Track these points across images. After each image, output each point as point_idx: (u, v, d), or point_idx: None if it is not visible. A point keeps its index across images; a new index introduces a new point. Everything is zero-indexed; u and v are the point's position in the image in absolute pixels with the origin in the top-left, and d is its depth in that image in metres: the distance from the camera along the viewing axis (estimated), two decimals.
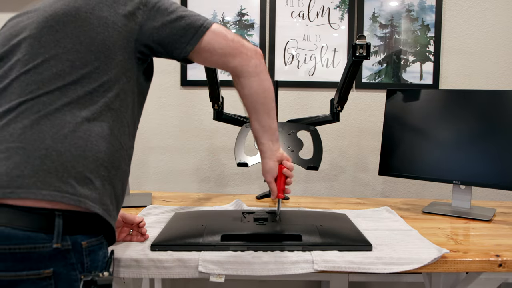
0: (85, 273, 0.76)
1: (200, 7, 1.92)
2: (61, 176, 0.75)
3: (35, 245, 0.72)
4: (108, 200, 0.81)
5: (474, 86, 1.93)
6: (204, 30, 0.91)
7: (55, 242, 0.73)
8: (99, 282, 0.75)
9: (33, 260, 0.72)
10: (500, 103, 1.43)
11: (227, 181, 2.01)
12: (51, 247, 0.73)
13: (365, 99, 1.96)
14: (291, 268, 1.01)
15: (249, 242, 1.06)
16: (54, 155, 0.76)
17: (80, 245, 0.77)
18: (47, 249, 0.72)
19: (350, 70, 1.39)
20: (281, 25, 1.93)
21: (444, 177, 1.50)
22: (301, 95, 1.96)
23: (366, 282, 2.03)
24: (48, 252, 0.72)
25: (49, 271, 0.72)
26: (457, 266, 1.04)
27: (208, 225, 1.14)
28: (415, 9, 1.91)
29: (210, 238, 1.06)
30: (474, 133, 1.46)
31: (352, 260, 1.02)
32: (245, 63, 0.95)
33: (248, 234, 1.09)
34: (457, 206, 1.52)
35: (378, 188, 1.99)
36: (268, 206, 1.57)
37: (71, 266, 0.75)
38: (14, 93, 0.79)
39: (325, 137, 1.94)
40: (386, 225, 1.30)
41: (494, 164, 1.42)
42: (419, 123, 1.56)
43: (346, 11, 1.91)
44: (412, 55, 1.93)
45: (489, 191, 1.93)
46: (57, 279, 0.73)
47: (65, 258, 0.74)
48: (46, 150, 0.76)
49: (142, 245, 1.08)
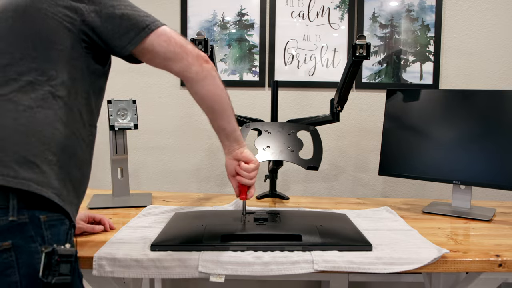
0: (45, 245, 0.77)
1: (200, 7, 1.92)
2: (3, 161, 0.78)
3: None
4: (58, 184, 0.83)
5: (474, 86, 1.93)
6: (148, 31, 0.91)
7: (10, 215, 0.76)
8: (59, 252, 0.77)
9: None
10: (500, 103, 1.43)
11: (227, 181, 2.01)
12: (8, 220, 0.75)
13: (365, 99, 1.96)
14: (291, 268, 1.01)
15: (249, 242, 1.06)
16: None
17: (38, 219, 0.79)
18: (4, 222, 0.75)
19: (350, 70, 1.39)
20: (281, 25, 1.93)
21: (444, 177, 1.50)
22: (301, 95, 1.96)
23: (366, 282, 2.03)
24: (5, 225, 0.75)
25: (8, 243, 0.75)
26: (457, 266, 1.04)
27: (208, 225, 1.14)
28: (415, 9, 1.91)
29: (210, 239, 1.06)
30: (474, 133, 1.46)
31: (352, 260, 1.02)
32: (186, 69, 0.96)
33: (248, 234, 1.09)
34: (457, 206, 1.52)
35: (378, 188, 1.99)
36: (268, 206, 1.57)
37: (30, 239, 0.77)
38: None
39: (325, 137, 1.94)
40: (386, 225, 1.30)
41: (494, 164, 1.42)
42: (419, 123, 1.56)
43: (346, 11, 1.91)
44: (412, 55, 1.93)
45: (489, 191, 1.93)
46: (17, 251, 0.76)
47: (22, 231, 0.76)
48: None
49: (142, 245, 1.08)
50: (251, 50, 1.94)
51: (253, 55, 1.94)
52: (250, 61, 1.94)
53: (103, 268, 1.01)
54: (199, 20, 1.93)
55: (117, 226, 1.25)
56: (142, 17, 0.92)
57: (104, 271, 1.01)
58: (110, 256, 1.02)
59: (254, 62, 1.94)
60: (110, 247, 1.07)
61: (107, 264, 1.01)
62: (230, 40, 1.94)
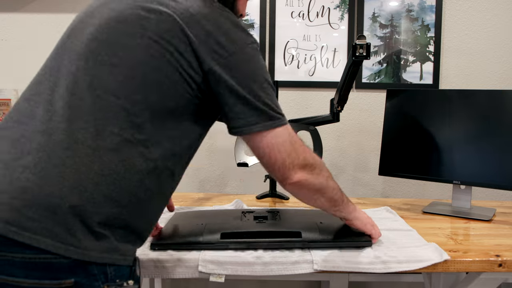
0: (108, 283, 0.75)
1: None
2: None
3: (55, 255, 0.71)
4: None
5: (474, 86, 1.93)
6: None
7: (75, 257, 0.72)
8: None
9: (53, 270, 0.71)
10: (500, 103, 1.43)
11: (227, 181, 2.01)
12: (71, 259, 0.72)
13: (365, 99, 1.96)
14: (291, 268, 1.01)
15: (249, 240, 1.06)
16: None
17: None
18: (67, 260, 0.71)
19: (350, 70, 1.39)
20: (281, 25, 1.93)
21: (444, 177, 1.50)
22: (301, 95, 1.96)
23: (366, 282, 2.03)
24: (68, 263, 0.72)
25: (70, 281, 0.72)
26: (457, 266, 1.04)
27: (208, 224, 1.14)
28: (415, 9, 1.91)
29: (210, 237, 1.06)
30: (474, 133, 1.46)
31: (352, 260, 1.02)
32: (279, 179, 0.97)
33: (247, 232, 1.09)
34: (457, 206, 1.52)
35: (378, 188, 1.99)
36: (268, 206, 1.57)
37: (93, 277, 0.74)
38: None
39: (325, 137, 1.94)
40: (386, 225, 1.30)
41: (494, 164, 1.42)
42: (419, 123, 1.56)
43: (346, 11, 1.91)
44: (412, 55, 1.93)
45: (489, 191, 1.93)
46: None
47: (86, 270, 0.73)
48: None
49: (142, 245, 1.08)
50: None
51: None
52: None
53: None
54: None
55: None
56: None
57: None
58: None
59: None
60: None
61: None
62: None
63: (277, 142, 0.85)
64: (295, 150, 0.87)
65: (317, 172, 0.93)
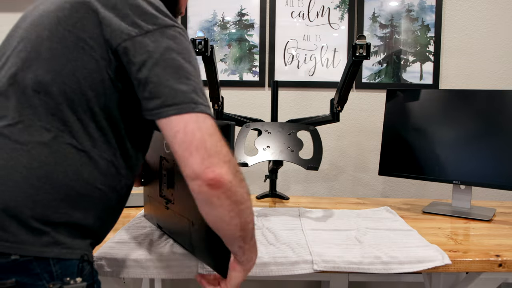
0: (54, 281, 0.72)
1: (200, 7, 1.92)
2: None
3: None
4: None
5: (474, 86, 1.93)
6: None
7: (13, 253, 0.70)
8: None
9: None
10: (500, 103, 1.43)
11: None
12: (10, 257, 0.69)
13: (365, 99, 1.96)
14: (290, 269, 1.01)
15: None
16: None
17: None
18: (6, 259, 0.69)
19: (350, 70, 1.39)
20: (281, 25, 1.93)
21: (444, 177, 1.50)
22: (301, 95, 1.96)
23: (366, 282, 2.03)
24: (7, 262, 0.69)
25: (12, 281, 0.70)
26: (457, 266, 1.04)
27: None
28: (415, 9, 1.91)
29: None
30: (474, 133, 1.46)
31: (352, 260, 1.02)
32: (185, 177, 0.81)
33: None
34: (457, 206, 1.52)
35: (378, 188, 1.99)
36: (268, 206, 1.57)
37: (36, 276, 0.71)
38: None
39: (325, 137, 1.94)
40: (386, 225, 1.30)
41: (494, 164, 1.42)
42: (419, 123, 1.56)
43: (346, 11, 1.91)
44: (412, 55, 1.93)
45: (489, 191, 1.93)
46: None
47: (27, 268, 0.71)
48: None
49: (142, 245, 1.08)
50: (251, 50, 1.94)
51: (253, 55, 1.94)
52: (250, 61, 1.94)
53: (103, 268, 1.01)
54: (199, 20, 1.93)
55: (117, 226, 1.25)
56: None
57: (103, 271, 1.01)
58: (110, 256, 1.02)
59: (254, 62, 1.94)
60: (110, 247, 1.07)
61: (107, 264, 1.01)
62: (230, 40, 1.94)
63: (194, 128, 0.72)
64: (215, 140, 0.73)
65: (240, 177, 0.76)
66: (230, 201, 0.74)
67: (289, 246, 1.08)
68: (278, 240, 1.13)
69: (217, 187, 0.72)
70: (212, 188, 0.72)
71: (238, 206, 0.75)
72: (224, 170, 0.72)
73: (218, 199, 0.73)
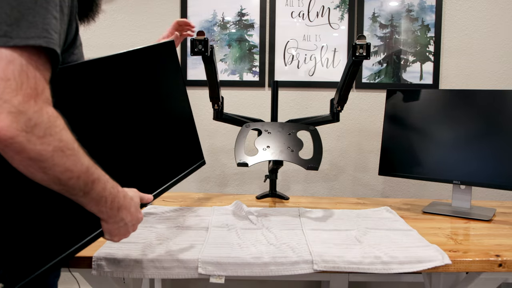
0: None
1: (200, 7, 1.92)
2: None
3: None
4: None
5: (474, 86, 1.93)
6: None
7: None
8: None
9: None
10: (500, 103, 1.43)
11: (227, 181, 2.01)
12: None
13: (365, 99, 1.96)
14: (290, 269, 1.01)
15: None
16: None
17: None
18: None
19: (350, 70, 1.39)
20: (281, 25, 1.93)
21: (444, 177, 1.50)
22: (301, 95, 1.96)
23: (366, 282, 2.03)
24: None
25: None
26: (457, 266, 1.04)
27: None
28: (415, 9, 1.91)
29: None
30: (474, 133, 1.46)
31: (352, 260, 1.02)
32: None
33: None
34: (457, 206, 1.52)
35: (378, 188, 1.99)
36: (268, 206, 1.57)
37: None
38: None
39: (325, 137, 1.94)
40: (386, 225, 1.30)
41: (494, 164, 1.42)
42: (419, 123, 1.56)
43: (346, 11, 1.91)
44: (412, 55, 1.93)
45: (489, 191, 1.93)
46: None
47: None
48: None
49: (141, 246, 1.08)
50: (251, 50, 1.94)
51: (253, 55, 1.94)
52: (250, 61, 1.94)
53: (102, 268, 1.01)
54: (199, 20, 1.93)
55: None
56: None
57: (103, 271, 1.01)
58: (110, 256, 1.02)
59: (254, 62, 1.94)
60: (110, 247, 1.07)
61: (106, 264, 1.01)
62: (230, 40, 1.94)
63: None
64: (4, 86, 0.59)
65: (40, 133, 0.62)
66: (21, 157, 0.62)
67: (289, 246, 1.08)
68: (278, 240, 1.13)
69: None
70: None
71: (38, 164, 0.63)
72: (6, 124, 0.59)
73: (4, 153, 0.62)
